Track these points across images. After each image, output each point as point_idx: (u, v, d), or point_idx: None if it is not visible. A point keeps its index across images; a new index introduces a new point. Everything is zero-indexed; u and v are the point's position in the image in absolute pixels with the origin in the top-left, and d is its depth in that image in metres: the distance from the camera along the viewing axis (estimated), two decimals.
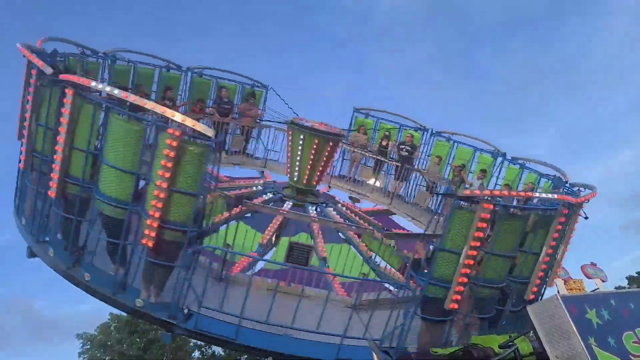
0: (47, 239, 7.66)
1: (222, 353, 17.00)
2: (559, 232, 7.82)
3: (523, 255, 7.81)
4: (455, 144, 13.59)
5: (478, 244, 6.74)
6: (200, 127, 6.28)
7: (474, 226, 6.66)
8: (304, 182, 11.87)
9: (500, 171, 13.15)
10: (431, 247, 7.27)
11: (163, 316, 6.81)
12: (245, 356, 16.05)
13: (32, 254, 7.90)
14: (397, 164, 13.12)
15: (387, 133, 13.68)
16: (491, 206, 6.69)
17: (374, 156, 13.54)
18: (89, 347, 17.12)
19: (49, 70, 7.06)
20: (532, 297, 7.92)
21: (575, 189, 9.86)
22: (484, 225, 6.69)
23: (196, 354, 17.51)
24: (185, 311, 6.82)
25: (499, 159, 13.15)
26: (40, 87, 7.60)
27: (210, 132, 6.37)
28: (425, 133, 13.80)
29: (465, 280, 6.82)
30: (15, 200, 8.95)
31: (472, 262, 6.77)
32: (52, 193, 7.09)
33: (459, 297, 6.85)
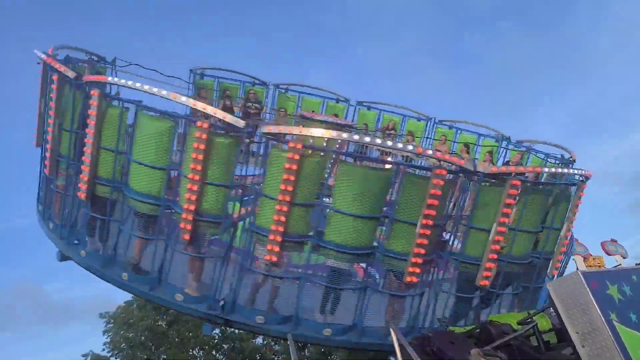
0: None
1: (242, 331, 17.37)
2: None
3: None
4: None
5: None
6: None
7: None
8: None
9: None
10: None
11: (202, 308, 7.01)
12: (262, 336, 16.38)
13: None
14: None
15: (227, 92, 13.02)
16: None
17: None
18: (112, 325, 17.61)
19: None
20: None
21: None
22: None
23: (217, 331, 17.91)
24: (221, 303, 6.98)
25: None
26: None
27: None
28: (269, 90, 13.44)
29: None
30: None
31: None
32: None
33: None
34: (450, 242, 7.79)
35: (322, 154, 6.81)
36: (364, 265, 7.76)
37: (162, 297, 7.14)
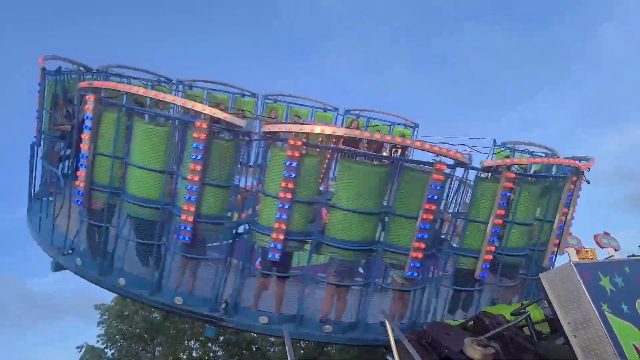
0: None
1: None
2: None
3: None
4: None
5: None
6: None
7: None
8: None
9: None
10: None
11: (205, 310, 6.99)
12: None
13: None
14: None
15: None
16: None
17: None
18: (106, 317, 17.60)
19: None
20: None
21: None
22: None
23: None
24: (223, 305, 6.98)
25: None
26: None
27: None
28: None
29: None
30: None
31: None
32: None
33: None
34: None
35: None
36: None
37: (163, 301, 7.16)
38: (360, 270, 7.49)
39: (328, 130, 6.83)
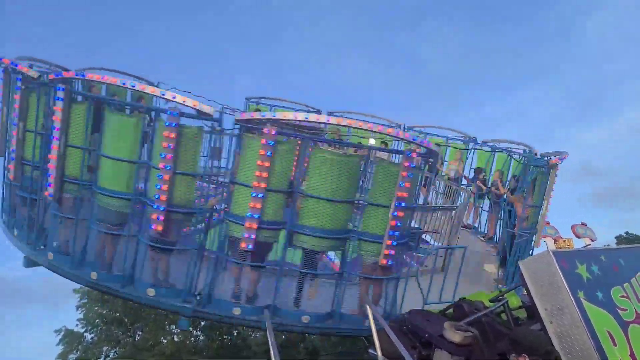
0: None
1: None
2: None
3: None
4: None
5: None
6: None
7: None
8: None
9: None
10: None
11: (177, 302, 6.90)
12: None
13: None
14: None
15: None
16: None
17: None
18: (86, 301, 17.41)
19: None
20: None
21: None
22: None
23: None
24: (198, 297, 6.90)
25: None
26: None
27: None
28: None
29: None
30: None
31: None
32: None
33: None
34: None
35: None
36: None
37: (134, 293, 7.07)
38: None
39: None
